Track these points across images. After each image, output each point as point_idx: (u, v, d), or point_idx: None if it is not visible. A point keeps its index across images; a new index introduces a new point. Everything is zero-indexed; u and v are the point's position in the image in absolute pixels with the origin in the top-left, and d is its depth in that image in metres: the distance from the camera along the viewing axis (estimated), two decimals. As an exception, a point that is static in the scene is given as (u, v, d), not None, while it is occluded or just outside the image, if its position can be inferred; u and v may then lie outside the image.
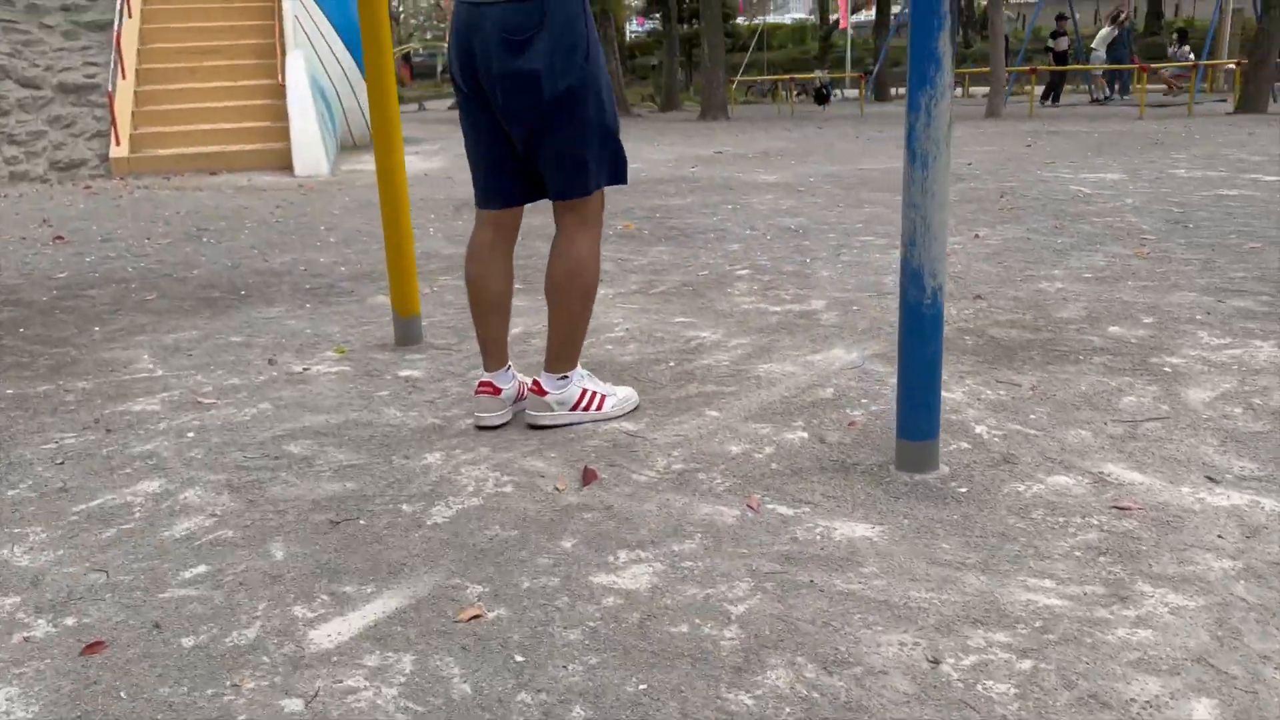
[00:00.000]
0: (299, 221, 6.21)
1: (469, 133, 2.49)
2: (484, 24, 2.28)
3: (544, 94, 2.27)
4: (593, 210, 2.46)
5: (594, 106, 2.35)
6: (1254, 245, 4.17)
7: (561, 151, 2.35)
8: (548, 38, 2.25)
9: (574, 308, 2.46)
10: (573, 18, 2.29)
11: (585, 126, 2.35)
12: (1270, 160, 7.30)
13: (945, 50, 1.98)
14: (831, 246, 4.77)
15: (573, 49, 2.28)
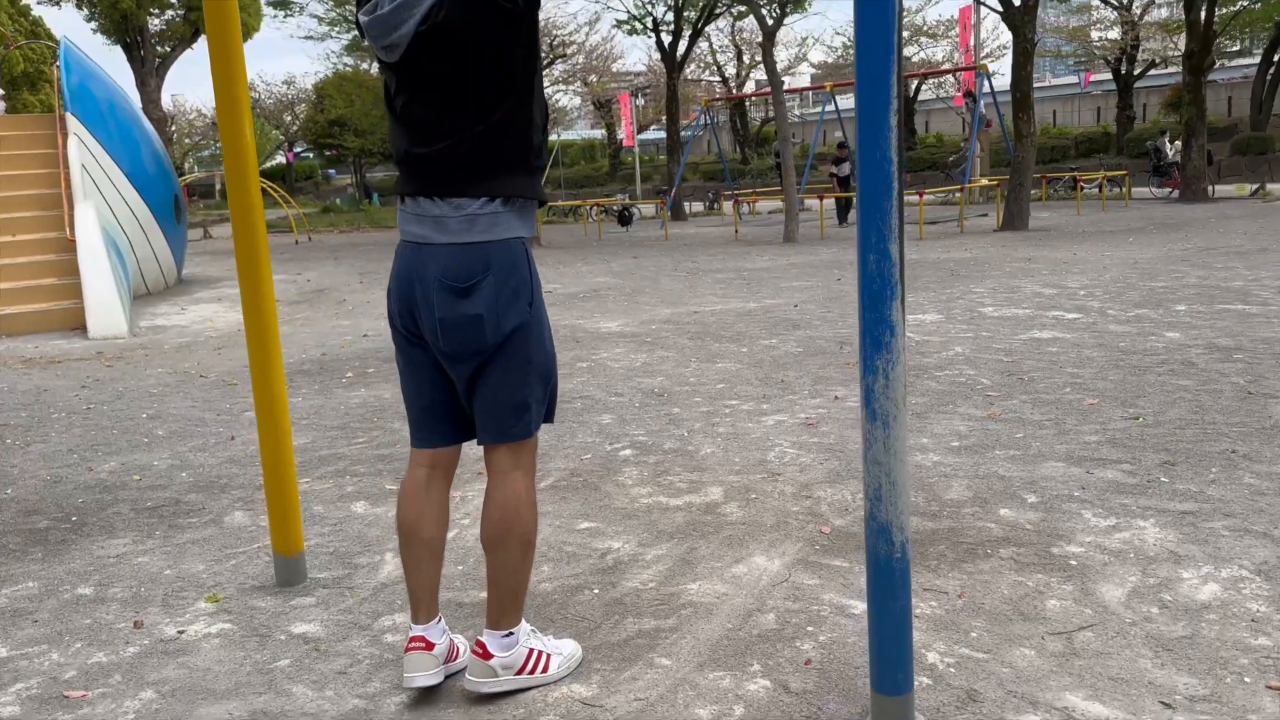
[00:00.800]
0: (114, 408, 5.66)
1: (405, 371, 2.39)
2: (426, 269, 2.21)
3: (487, 339, 2.21)
4: (529, 452, 2.37)
5: (537, 348, 2.30)
6: (1090, 401, 4.52)
7: (502, 395, 2.27)
8: (492, 284, 2.20)
9: (514, 558, 2.33)
10: (516, 262, 2.25)
11: (528, 369, 2.29)
12: (1059, 293, 8.04)
13: (899, 319, 2.03)
14: (702, 414, 4.80)
15: (516, 294, 2.24)
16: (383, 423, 4.99)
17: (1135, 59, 35.24)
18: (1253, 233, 12.53)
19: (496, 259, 2.20)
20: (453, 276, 2.18)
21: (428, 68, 2.15)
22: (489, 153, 2.19)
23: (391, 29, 2.12)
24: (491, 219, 2.21)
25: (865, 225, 2.01)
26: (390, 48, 2.15)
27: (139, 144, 11.55)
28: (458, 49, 2.12)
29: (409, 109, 2.23)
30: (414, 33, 2.11)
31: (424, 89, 2.19)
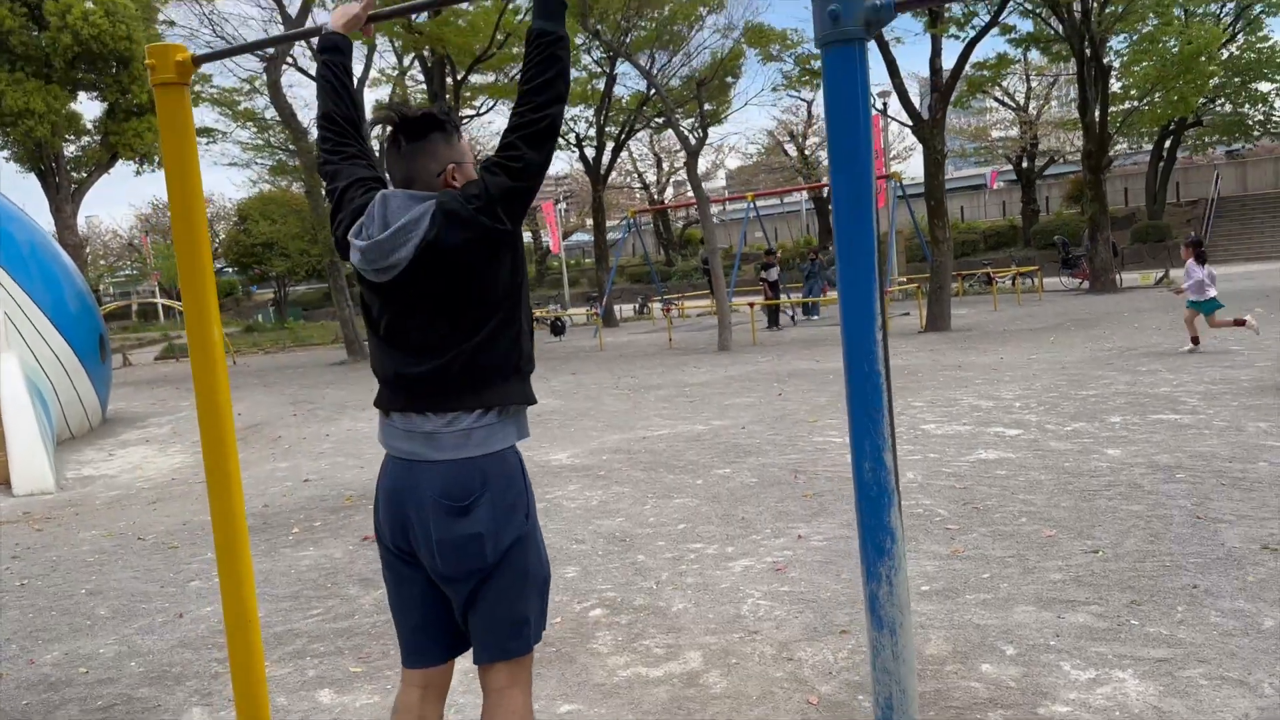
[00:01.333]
0: (49, 583, 5.39)
1: (394, 591, 2.33)
2: (420, 487, 2.18)
3: (487, 557, 2.18)
4: (526, 667, 2.31)
5: (534, 560, 2.27)
6: (1048, 533, 4.60)
7: (499, 611, 2.23)
8: (490, 500, 2.17)
9: None
10: (512, 475, 2.24)
11: (526, 582, 2.25)
12: (995, 405, 8.26)
13: (897, 525, 2.05)
14: (668, 561, 4.76)
15: (513, 508, 2.22)
16: (337, 589, 4.83)
17: (1035, 155, 37.18)
18: (1165, 328, 13.11)
19: (494, 474, 2.19)
20: (450, 496, 2.16)
21: (420, 288, 2.16)
22: (482, 365, 2.20)
23: (389, 253, 2.14)
24: (486, 431, 2.20)
25: (859, 435, 2.04)
26: (385, 270, 2.16)
27: (61, 284, 11.31)
28: (450, 269, 2.14)
29: (398, 327, 2.23)
30: (412, 256, 2.12)
31: (415, 308, 2.19)
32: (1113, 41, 24.15)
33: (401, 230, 2.12)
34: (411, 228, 2.12)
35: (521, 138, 2.15)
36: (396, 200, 2.16)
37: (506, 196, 2.13)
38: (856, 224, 1.96)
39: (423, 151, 2.20)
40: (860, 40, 1.97)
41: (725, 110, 27.61)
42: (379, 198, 2.19)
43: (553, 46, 2.18)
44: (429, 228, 2.11)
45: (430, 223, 2.11)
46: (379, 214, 2.17)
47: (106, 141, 30.31)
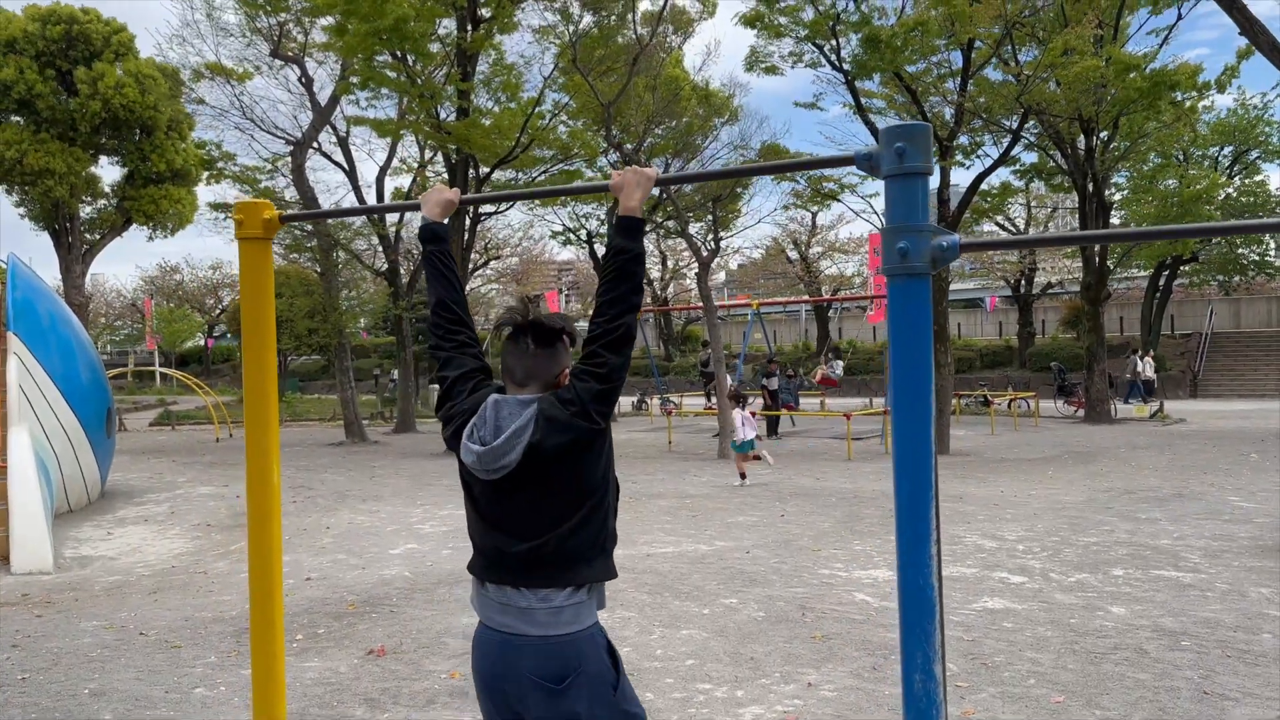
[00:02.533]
0: (51, 678, 5.35)
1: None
2: (519, 666, 2.34)
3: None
4: None
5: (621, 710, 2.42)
6: (1057, 699, 4.63)
7: None
8: (585, 682, 2.33)
9: None
10: (601, 656, 2.39)
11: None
12: (999, 547, 8.32)
13: None
14: (676, 703, 4.76)
15: (602, 682, 2.37)
16: (344, 708, 4.81)
17: (1033, 280, 37.87)
18: (1162, 469, 13.23)
19: (587, 655, 2.35)
20: (548, 678, 2.32)
21: (525, 483, 2.35)
22: (573, 547, 2.37)
23: (502, 455, 2.32)
24: (575, 609, 2.36)
25: (910, 648, 2.12)
26: (495, 470, 2.34)
27: (76, 358, 11.41)
28: (551, 466, 2.33)
29: (498, 512, 2.40)
30: (519, 460, 2.30)
31: (518, 500, 2.37)
32: (1115, 176, 24.89)
33: (512, 436, 2.32)
34: (521, 433, 2.32)
35: (602, 345, 2.38)
36: (507, 407, 2.36)
37: (597, 398, 2.34)
38: (917, 453, 2.08)
39: (549, 356, 2.41)
40: (926, 275, 2.13)
41: (735, 217, 28.19)
42: (491, 403, 2.39)
43: (630, 263, 2.42)
44: (533, 432, 2.30)
45: (534, 427, 2.30)
46: (491, 419, 2.37)
47: (122, 206, 30.81)
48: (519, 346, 2.41)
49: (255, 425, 2.97)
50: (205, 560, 8.65)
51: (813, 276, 41.45)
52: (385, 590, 7.22)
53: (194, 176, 30.64)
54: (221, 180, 22.12)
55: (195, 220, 32.77)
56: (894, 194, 2.15)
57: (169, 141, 29.73)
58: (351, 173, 21.35)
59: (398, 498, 12.11)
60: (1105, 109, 18.01)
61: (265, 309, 2.95)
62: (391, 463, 16.44)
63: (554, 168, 21.18)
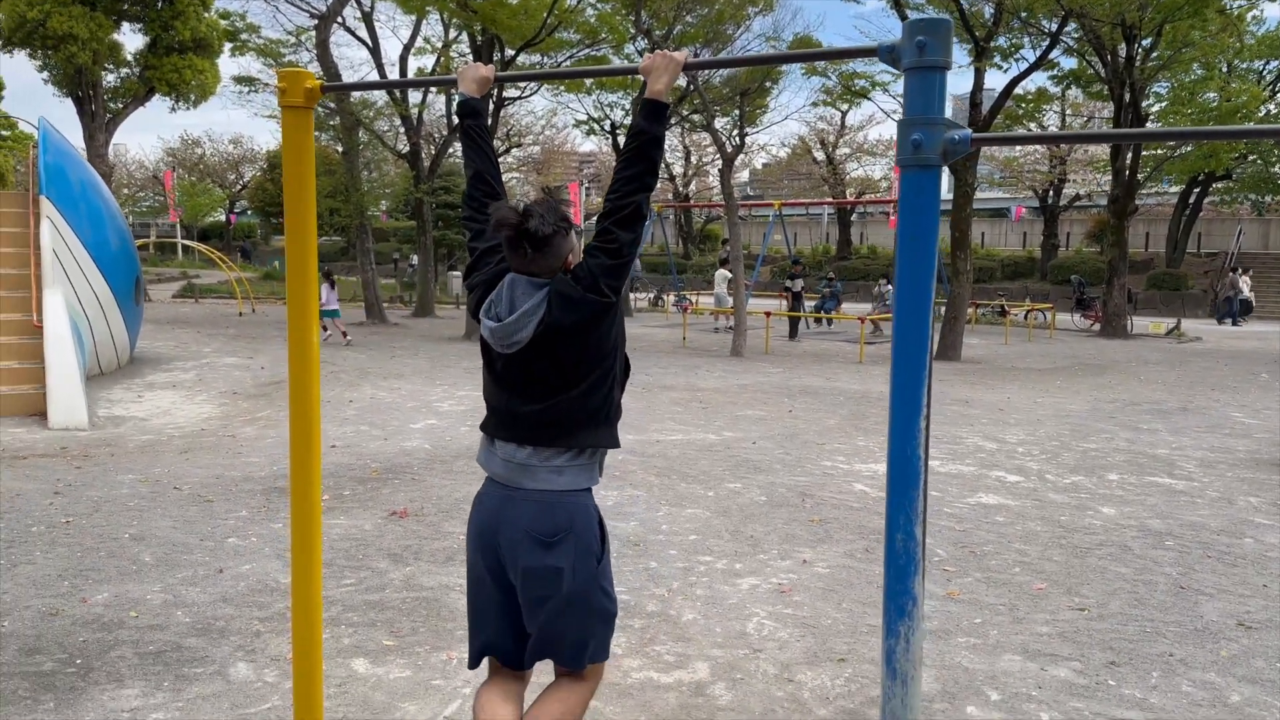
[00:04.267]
0: (93, 523, 5.70)
1: (474, 596, 2.69)
2: (514, 519, 2.54)
3: (563, 587, 2.53)
4: (582, 679, 2.68)
5: (602, 597, 2.63)
6: (1038, 586, 4.90)
7: (562, 632, 2.59)
8: (573, 541, 2.54)
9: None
10: (591, 521, 2.60)
11: (592, 616, 2.61)
12: (999, 448, 8.55)
13: (919, 591, 2.34)
14: (679, 571, 5.06)
15: (589, 551, 2.58)
16: (368, 561, 5.14)
17: (1061, 191, 37.33)
18: (1171, 383, 13.37)
19: (578, 518, 2.54)
20: (540, 530, 2.51)
21: (537, 356, 2.51)
22: (579, 412, 2.54)
23: (515, 332, 2.48)
24: (575, 472, 2.56)
25: (894, 510, 2.33)
26: (509, 345, 2.51)
27: (106, 226, 11.60)
28: (563, 341, 2.48)
29: (513, 377, 2.56)
30: (531, 336, 2.46)
31: (531, 368, 2.53)
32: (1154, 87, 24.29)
33: (524, 315, 2.47)
34: (532, 312, 2.47)
35: (614, 223, 2.51)
36: (520, 287, 2.51)
37: (608, 273, 2.47)
38: (914, 334, 2.24)
39: (548, 254, 2.49)
40: (937, 167, 2.26)
41: (762, 113, 27.78)
42: (507, 281, 2.54)
43: (649, 146, 2.52)
44: (546, 311, 2.46)
45: (547, 306, 2.46)
46: (506, 297, 2.53)
47: (145, 75, 30.57)
48: (517, 252, 2.48)
49: (297, 291, 3.13)
50: (233, 425, 8.99)
51: (838, 178, 40.91)
52: (406, 460, 7.54)
53: (217, 47, 30.30)
54: (245, 53, 21.90)
55: (218, 93, 32.56)
56: (913, 87, 2.25)
57: (193, 9, 29.31)
58: (375, 50, 21.08)
59: (418, 376, 12.41)
60: (1149, 15, 17.51)
61: (307, 176, 3.09)
62: (411, 344, 16.73)
63: (580, 52, 20.84)
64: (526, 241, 2.47)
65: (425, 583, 4.82)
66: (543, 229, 2.46)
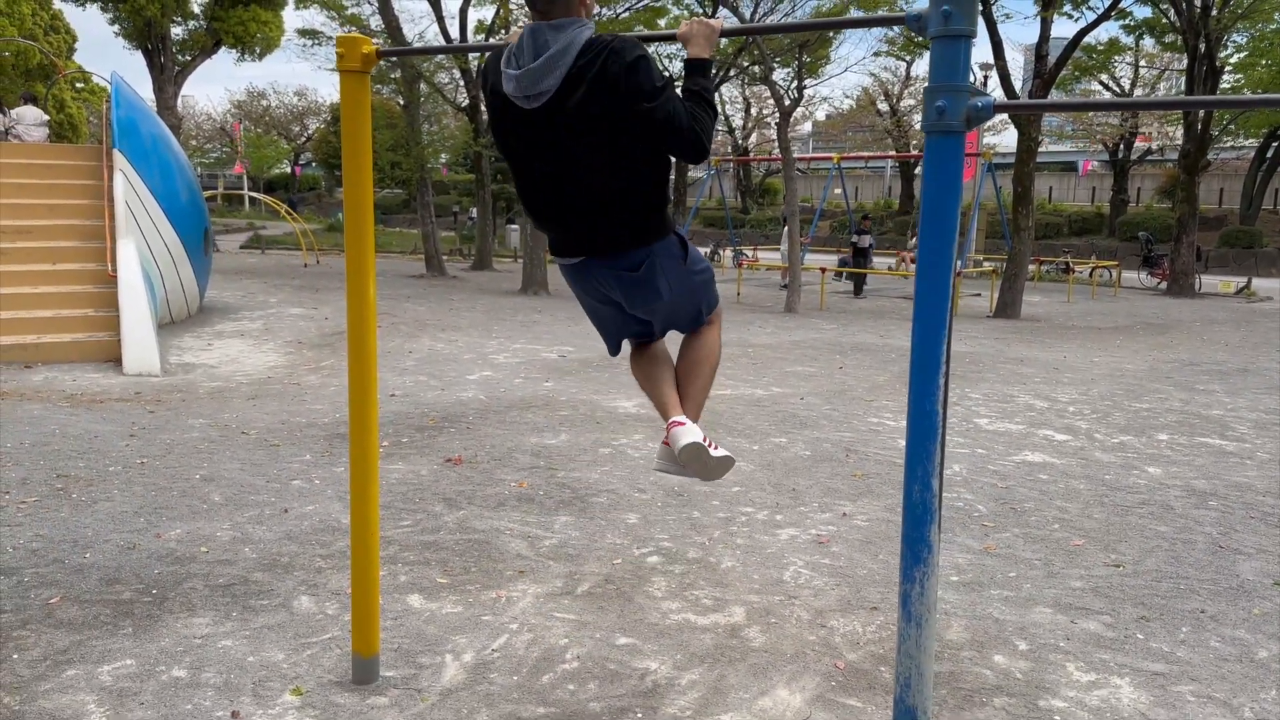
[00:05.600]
0: (166, 464, 6.03)
1: (593, 316, 3.15)
2: (602, 267, 2.86)
3: (664, 295, 2.89)
4: (714, 319, 3.14)
5: (696, 279, 2.99)
6: (1076, 542, 4.96)
7: (680, 316, 3.05)
8: (657, 259, 2.83)
9: (705, 380, 3.12)
10: (667, 239, 2.85)
11: (693, 294, 3.02)
12: (1049, 407, 8.53)
13: (934, 539, 2.46)
14: (720, 521, 5.22)
15: (673, 259, 2.87)
16: (424, 505, 5.38)
17: (1132, 145, 36.24)
18: (1234, 344, 13.10)
19: (656, 250, 2.82)
20: (625, 266, 2.81)
21: (562, 127, 2.63)
22: (634, 213, 2.77)
23: (539, 79, 2.60)
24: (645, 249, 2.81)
25: (913, 460, 2.44)
26: (536, 95, 2.61)
27: (176, 179, 11.97)
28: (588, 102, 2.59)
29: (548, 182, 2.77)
30: (559, 84, 2.59)
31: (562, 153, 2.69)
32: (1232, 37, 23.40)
33: (551, 58, 2.57)
34: (559, 57, 2.57)
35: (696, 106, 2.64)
36: (543, 34, 2.59)
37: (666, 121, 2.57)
38: (935, 294, 2.33)
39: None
40: (960, 133, 2.33)
41: (823, 64, 27.35)
42: (528, 30, 2.63)
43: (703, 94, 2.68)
44: (574, 62, 2.57)
45: (577, 60, 2.56)
46: (529, 45, 2.61)
47: (212, 27, 31.10)
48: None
49: (354, 247, 3.30)
50: (298, 373, 9.33)
51: (902, 131, 40.15)
52: (462, 410, 7.79)
53: (281, 0, 30.69)
54: (309, 5, 22.14)
55: (283, 46, 33.03)
56: (938, 54, 2.32)
57: (259, -38, 29.68)
58: (436, 3, 21.19)
59: (474, 329, 12.68)
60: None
61: (363, 138, 3.24)
62: (469, 297, 17.02)
63: (639, 3, 20.73)
64: None
65: (477, 526, 5.05)
66: None
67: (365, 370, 3.28)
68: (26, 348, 9.11)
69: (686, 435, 2.91)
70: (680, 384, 3.07)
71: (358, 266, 3.29)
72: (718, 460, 3.00)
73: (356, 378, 3.29)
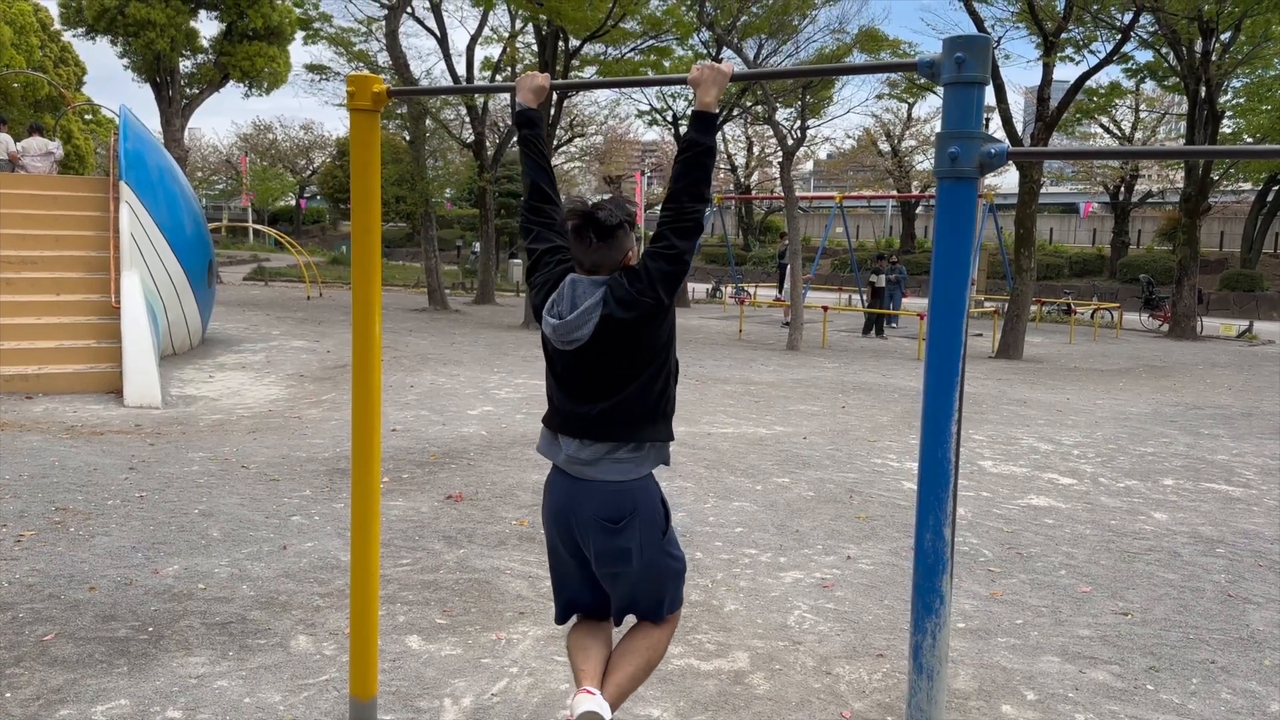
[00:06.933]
0: (165, 498, 5.98)
1: (556, 566, 3.00)
2: (583, 507, 2.77)
3: (633, 563, 2.80)
4: (669, 621, 2.99)
5: (670, 561, 2.90)
6: (1083, 589, 4.90)
7: (641, 596, 2.90)
8: (638, 522, 2.77)
9: (636, 672, 2.92)
10: (653, 501, 2.83)
11: (661, 579, 2.89)
12: (1054, 450, 8.48)
13: (947, 590, 2.42)
14: (723, 563, 5.16)
15: (653, 526, 2.82)
16: (424, 543, 5.32)
17: (1133, 188, 36.43)
18: (1238, 388, 13.06)
19: (641, 500, 2.76)
20: (607, 517, 2.74)
21: (596, 353, 2.70)
22: (637, 408, 2.74)
23: (576, 329, 2.68)
24: (636, 461, 2.77)
25: (924, 511, 2.41)
26: (570, 342, 2.70)
27: (181, 210, 12.01)
28: (619, 337, 2.67)
29: (574, 376, 2.77)
30: (591, 333, 2.66)
31: (590, 367, 2.73)
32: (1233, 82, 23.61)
33: (585, 312, 2.67)
34: (592, 310, 2.67)
35: (671, 230, 2.68)
36: (582, 286, 2.72)
37: (665, 279, 2.66)
38: (947, 339, 2.31)
39: (611, 246, 2.71)
40: (973, 179, 2.32)
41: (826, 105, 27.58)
42: (569, 282, 2.74)
43: (702, 156, 2.69)
44: (604, 308, 2.65)
45: (604, 304, 2.65)
46: (569, 296, 2.73)
47: (220, 62, 31.41)
48: (583, 241, 2.69)
49: (361, 284, 3.29)
50: (299, 407, 9.29)
51: (903, 171, 40.40)
52: (463, 445, 7.74)
53: (289, 35, 31.05)
54: (317, 41, 22.35)
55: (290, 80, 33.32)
56: (951, 100, 2.32)
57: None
58: (443, 40, 21.39)
59: (476, 364, 12.65)
60: (1228, 8, 17.04)
61: (373, 175, 3.24)
62: (471, 331, 17.02)
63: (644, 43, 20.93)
64: (593, 230, 2.67)
65: (478, 565, 4.99)
66: (610, 220, 2.68)
67: (369, 404, 3.25)
68: (28, 378, 9.08)
69: (591, 704, 2.66)
70: (610, 664, 2.86)
71: (364, 300, 3.28)
72: None
73: (360, 412, 3.26)
